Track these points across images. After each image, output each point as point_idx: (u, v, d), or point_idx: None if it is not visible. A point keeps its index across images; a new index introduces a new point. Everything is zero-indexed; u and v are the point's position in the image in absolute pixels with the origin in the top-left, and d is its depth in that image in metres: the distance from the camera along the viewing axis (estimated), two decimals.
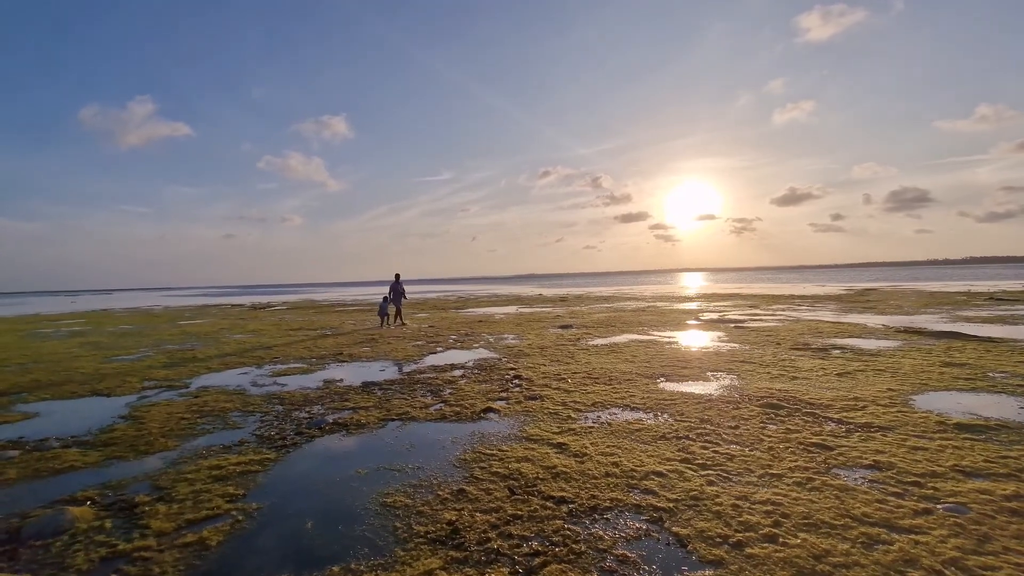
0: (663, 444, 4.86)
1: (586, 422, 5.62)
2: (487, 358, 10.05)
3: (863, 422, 5.31)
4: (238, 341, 14.17)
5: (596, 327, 15.02)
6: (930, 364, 8.08)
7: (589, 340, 12.21)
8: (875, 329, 12.84)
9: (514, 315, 21.06)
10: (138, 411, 6.66)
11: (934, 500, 3.68)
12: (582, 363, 9.09)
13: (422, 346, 12.04)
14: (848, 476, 4.09)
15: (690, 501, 3.73)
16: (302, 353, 11.40)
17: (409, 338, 13.57)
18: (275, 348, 12.34)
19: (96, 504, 4.02)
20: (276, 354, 11.33)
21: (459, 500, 3.88)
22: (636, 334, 13.15)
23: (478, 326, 16.49)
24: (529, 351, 10.71)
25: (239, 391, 7.70)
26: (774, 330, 13.08)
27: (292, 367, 9.64)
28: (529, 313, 21.82)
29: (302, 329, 17.24)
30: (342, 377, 8.53)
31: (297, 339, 14.15)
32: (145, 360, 11.00)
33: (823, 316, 16.68)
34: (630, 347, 10.79)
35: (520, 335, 13.71)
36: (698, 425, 5.35)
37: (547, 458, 4.59)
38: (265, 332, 16.60)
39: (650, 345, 11.03)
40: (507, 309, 25.39)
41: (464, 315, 21.71)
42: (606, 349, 10.66)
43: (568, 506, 3.74)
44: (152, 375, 9.17)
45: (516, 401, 6.60)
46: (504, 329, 15.37)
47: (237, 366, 10.00)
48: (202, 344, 13.62)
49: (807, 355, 9.22)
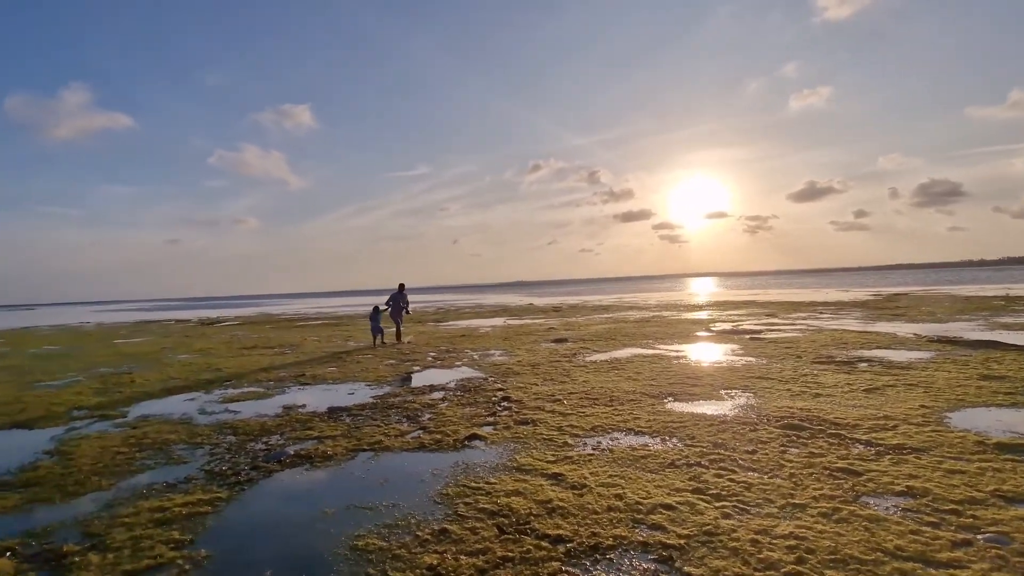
0: (672, 473, 4.88)
1: (585, 449, 5.64)
2: (471, 378, 10.08)
3: (894, 443, 5.39)
4: (183, 362, 14.03)
5: (594, 340, 15.08)
6: (967, 377, 8.24)
7: (587, 355, 12.28)
8: (905, 339, 13.08)
9: (501, 328, 21.13)
10: (66, 445, 6.57)
11: (974, 530, 3.73)
12: (579, 382, 9.12)
13: (396, 365, 12.03)
14: (878, 505, 4.14)
15: (703, 537, 3.75)
16: (258, 375, 11.34)
17: (382, 356, 13.57)
18: (226, 370, 12.27)
19: (17, 556, 3.92)
20: (227, 377, 11.27)
21: (441, 541, 3.86)
22: (640, 348, 13.25)
23: (460, 341, 16.49)
24: (519, 369, 10.74)
25: (184, 420, 7.64)
26: (794, 341, 13.25)
27: (246, 392, 9.59)
28: (518, 325, 21.92)
29: (258, 347, 17.13)
30: (305, 402, 8.51)
31: (252, 359, 14.07)
32: (74, 386, 10.86)
33: (848, 325, 16.94)
34: (633, 363, 10.87)
35: (508, 351, 13.74)
36: (711, 450, 5.39)
37: (541, 491, 4.60)
38: (215, 351, 16.45)
39: (656, 360, 11.11)
40: (493, 321, 25.46)
41: (445, 329, 21.71)
42: (606, 366, 10.72)
43: (565, 545, 3.73)
44: (82, 403, 9.04)
45: (505, 426, 6.62)
46: (490, 344, 15.39)
47: (182, 391, 9.92)
48: (141, 367, 13.44)
49: (831, 369, 9.35)
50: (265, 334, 22.93)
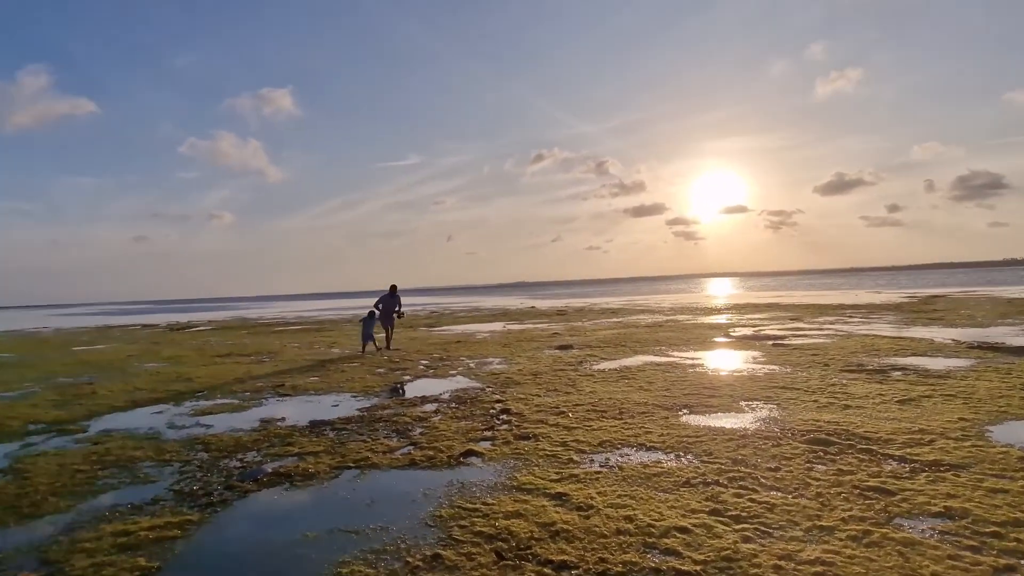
0: (687, 492, 4.90)
1: (591, 466, 5.66)
2: (467, 388, 10.12)
3: (930, 459, 5.41)
4: (150, 372, 14.04)
5: (602, 347, 15.14)
6: (1009, 387, 8.26)
7: (594, 364, 12.33)
8: (943, 345, 13.10)
9: (500, 333, 21.20)
10: (21, 463, 6.57)
11: (1018, 555, 3.73)
12: (585, 393, 9.16)
13: (385, 375, 12.06)
14: (913, 527, 4.15)
15: (722, 563, 3.75)
16: (232, 386, 11.37)
17: (369, 365, 13.59)
18: (198, 380, 12.29)
19: None
20: (199, 387, 11.30)
21: (434, 568, 3.86)
22: (652, 355, 13.29)
23: (455, 348, 16.53)
24: (519, 378, 10.78)
25: (152, 435, 7.65)
26: (821, 348, 13.28)
27: (220, 404, 9.62)
28: (519, 331, 21.96)
29: (232, 355, 17.16)
30: (284, 415, 8.53)
31: (226, 368, 14.11)
32: (30, 398, 10.86)
33: (880, 330, 16.98)
34: (645, 372, 10.91)
35: (508, 358, 13.79)
36: (730, 467, 5.41)
37: (543, 512, 4.61)
38: (185, 359, 16.46)
39: (670, 369, 11.16)
40: (491, 326, 25.51)
41: (438, 334, 21.75)
42: (615, 375, 10.77)
43: (571, 572, 3.74)
44: (39, 417, 9.05)
45: (504, 441, 6.64)
46: (488, 351, 15.43)
47: (149, 403, 9.93)
48: (104, 376, 13.46)
49: (861, 378, 9.38)
50: (240, 340, 22.94)
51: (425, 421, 7.74)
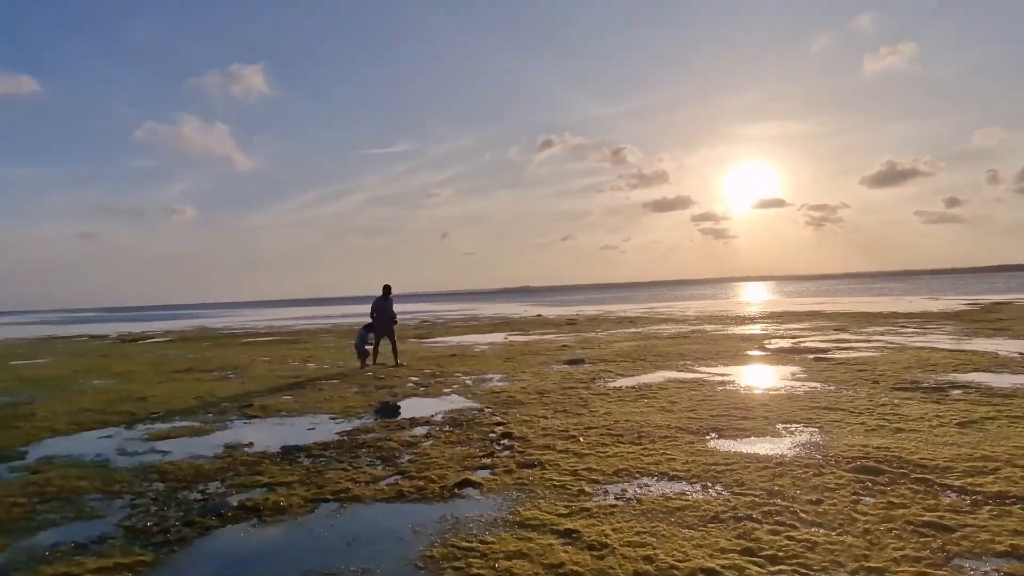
0: (716, 529, 4.89)
1: (606, 498, 5.66)
2: (463, 409, 10.16)
3: (995, 491, 5.38)
4: (99, 390, 14.04)
5: (618, 362, 15.19)
6: None
7: (609, 380, 12.38)
8: (1009, 359, 13.09)
9: (501, 346, 21.21)
10: None
11: None
12: (599, 414, 9.19)
13: (368, 394, 12.07)
14: (975, 568, 4.14)
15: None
16: (193, 406, 11.38)
17: (350, 383, 13.61)
18: (153, 399, 12.28)
19: None
20: (155, 408, 11.29)
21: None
22: (676, 371, 13.33)
23: (450, 362, 16.55)
24: (523, 397, 10.82)
25: (99, 463, 7.64)
26: (870, 363, 13.29)
27: (178, 426, 9.63)
28: (523, 343, 21.99)
29: (193, 371, 17.17)
30: (252, 440, 8.55)
31: (186, 386, 14.10)
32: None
33: (937, 342, 16.98)
34: (667, 390, 10.96)
35: (510, 375, 13.83)
36: (765, 500, 5.40)
37: (550, 552, 4.59)
38: (139, 376, 16.46)
39: (696, 386, 11.20)
40: (491, 337, 25.57)
41: (430, 347, 21.79)
42: (633, 393, 10.82)
43: None
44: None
45: (505, 470, 6.64)
46: (487, 366, 15.48)
47: (97, 426, 9.93)
48: (45, 395, 13.45)
49: (916, 398, 9.39)
50: (203, 353, 22.98)
51: (414, 446, 7.75)
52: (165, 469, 7.21)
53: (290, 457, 7.51)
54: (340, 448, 7.84)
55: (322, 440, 8.31)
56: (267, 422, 9.77)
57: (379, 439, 8.20)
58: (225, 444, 8.32)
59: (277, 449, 7.93)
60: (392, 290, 16.57)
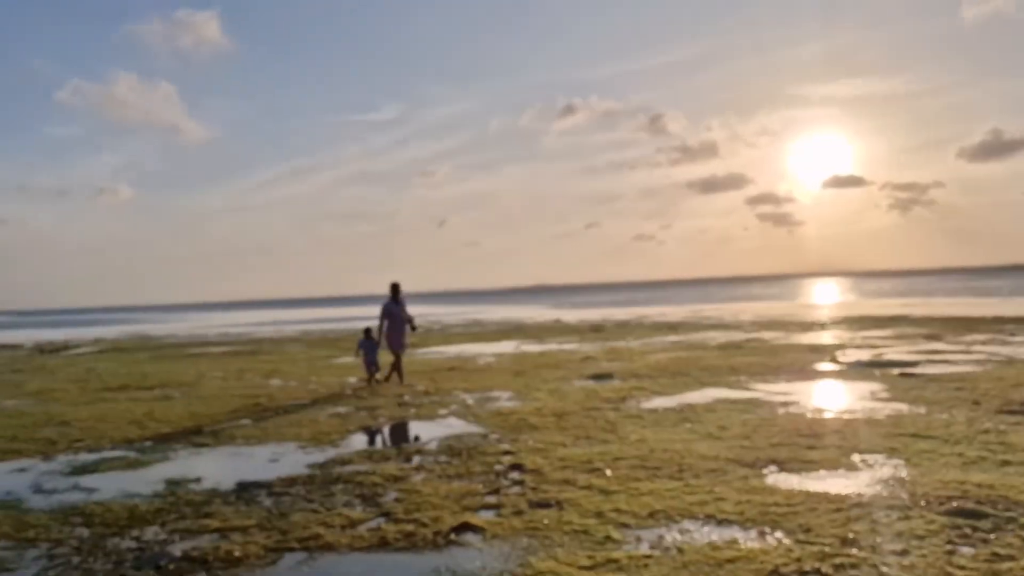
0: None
1: (638, 547, 5.59)
2: (462, 434, 10.16)
3: None
4: (10, 413, 14.04)
5: (655, 377, 15.17)
6: None
7: (643, 400, 12.36)
8: None
9: (511, 357, 21.21)
10: None
11: None
12: (631, 441, 9.16)
13: (346, 415, 12.06)
14: None
15: None
16: (128, 432, 11.32)
17: (323, 404, 13.57)
18: (78, 424, 12.25)
19: None
20: (79, 435, 11.24)
21: None
22: (726, 389, 13.31)
23: (447, 378, 16.57)
24: (537, 420, 10.80)
25: (10, 503, 7.57)
26: (969, 379, 13.17)
27: (108, 458, 9.58)
28: (537, 354, 21.99)
29: (129, 388, 17.13)
30: (201, 474, 8.52)
31: (119, 407, 14.03)
32: None
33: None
34: (716, 412, 10.92)
35: (521, 393, 13.82)
36: (837, 551, 5.32)
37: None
38: (60, 395, 16.44)
39: (751, 408, 11.17)
40: (499, 347, 25.63)
41: (423, 359, 21.75)
42: (673, 416, 10.79)
43: None
44: None
45: (514, 511, 6.58)
46: (493, 382, 15.45)
47: (7, 458, 9.92)
48: None
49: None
50: (141, 367, 22.99)
51: (402, 481, 7.71)
52: (91, 511, 7.11)
53: (247, 496, 7.46)
54: (310, 484, 7.81)
55: (287, 474, 8.29)
56: (219, 452, 9.77)
57: (358, 473, 8.17)
58: (167, 479, 8.27)
59: (231, 485, 7.88)
60: (401, 290, 16.44)
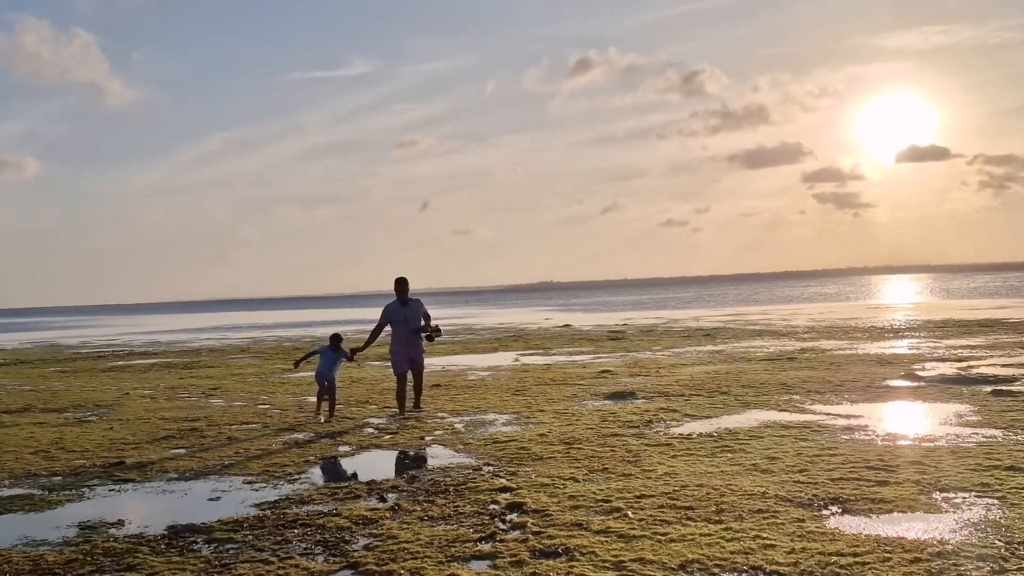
0: None
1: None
2: (448, 466, 9.82)
3: None
4: None
5: (687, 396, 14.98)
6: None
7: (672, 424, 12.04)
8: None
9: (509, 371, 21.35)
10: None
11: None
12: (657, 475, 8.73)
13: (305, 443, 11.73)
14: None
15: None
16: (31, 464, 10.88)
17: (275, 429, 13.10)
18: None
19: None
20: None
21: None
22: (776, 410, 13.04)
23: (431, 397, 16.27)
24: (541, 449, 10.44)
25: None
26: None
27: (7, 496, 9.18)
28: (542, 367, 22.19)
29: (33, 410, 16.83)
30: (123, 516, 8.07)
31: (20, 433, 13.66)
32: None
33: None
34: (763, 439, 10.56)
35: (522, 414, 13.59)
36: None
37: None
38: None
39: (807, 434, 10.81)
40: (494, 359, 25.99)
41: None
42: (710, 443, 10.41)
43: None
44: None
45: (513, 560, 6.16)
46: (487, 402, 15.30)
47: None
48: None
49: None
50: (48, 383, 22.82)
51: (374, 525, 7.28)
52: None
53: (181, 543, 7.03)
54: (259, 528, 7.38)
55: (232, 516, 7.85)
56: (147, 489, 9.30)
57: (320, 514, 7.76)
58: (80, 523, 7.80)
59: (161, 531, 7.42)
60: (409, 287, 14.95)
